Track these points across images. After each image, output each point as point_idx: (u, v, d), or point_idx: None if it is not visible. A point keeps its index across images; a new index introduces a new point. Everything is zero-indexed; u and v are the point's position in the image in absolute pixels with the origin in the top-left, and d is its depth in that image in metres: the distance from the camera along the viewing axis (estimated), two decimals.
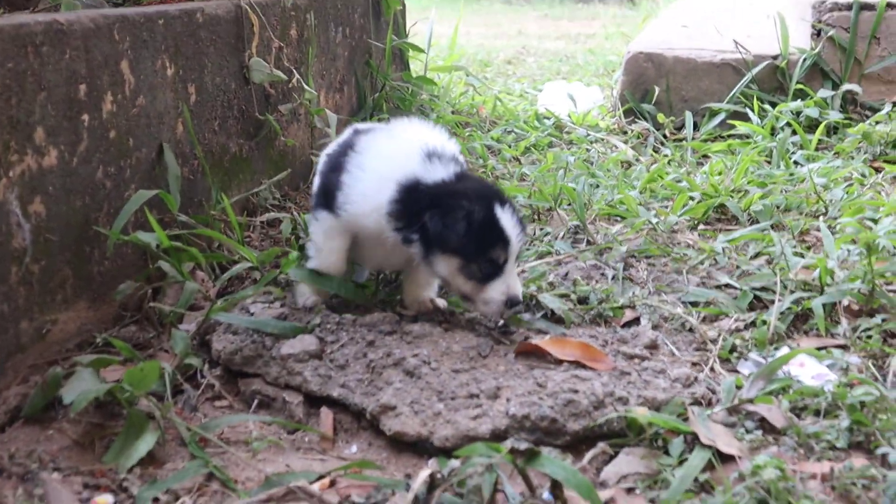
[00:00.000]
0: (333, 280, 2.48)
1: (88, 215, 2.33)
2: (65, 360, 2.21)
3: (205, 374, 2.29)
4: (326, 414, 2.15)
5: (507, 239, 2.27)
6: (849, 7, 4.62)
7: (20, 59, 2.06)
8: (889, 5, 4.58)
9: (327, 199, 2.45)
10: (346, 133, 2.67)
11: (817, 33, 4.70)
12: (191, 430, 2.01)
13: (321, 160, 2.67)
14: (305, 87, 3.40)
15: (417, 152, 2.37)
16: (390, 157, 2.40)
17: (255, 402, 2.22)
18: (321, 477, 1.90)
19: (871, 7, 4.60)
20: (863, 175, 3.75)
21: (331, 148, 2.66)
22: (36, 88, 2.11)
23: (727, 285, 2.71)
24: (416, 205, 2.29)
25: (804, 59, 4.67)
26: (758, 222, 3.25)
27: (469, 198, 2.27)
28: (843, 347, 2.34)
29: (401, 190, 2.32)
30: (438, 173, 2.34)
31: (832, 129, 4.44)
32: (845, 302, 2.47)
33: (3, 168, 2.03)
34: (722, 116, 4.68)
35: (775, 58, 4.76)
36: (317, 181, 2.61)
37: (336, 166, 2.47)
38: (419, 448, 2.02)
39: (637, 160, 4.26)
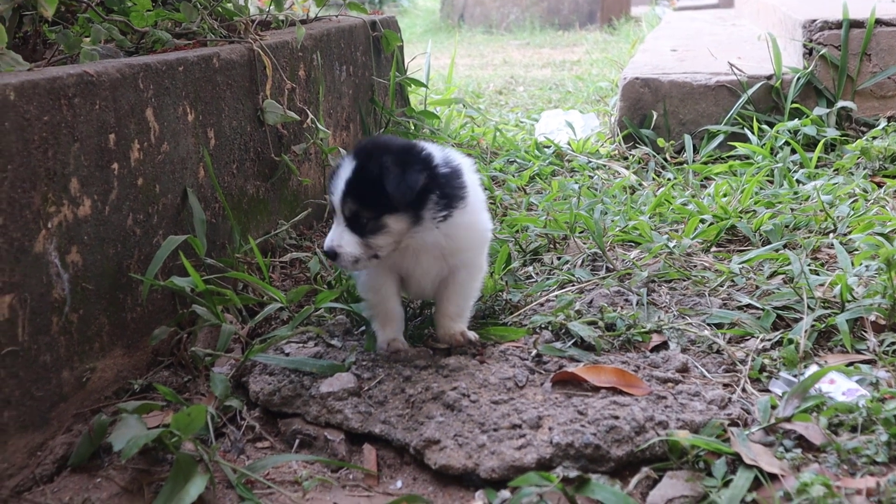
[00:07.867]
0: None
1: (121, 262, 2.35)
2: (105, 408, 2.22)
3: (244, 416, 2.30)
4: (369, 450, 2.16)
5: (331, 190, 2.34)
6: (839, 25, 4.69)
7: (55, 111, 2.09)
8: (878, 22, 4.65)
9: None
10: None
11: (809, 52, 4.77)
12: (237, 471, 2.02)
13: None
14: (318, 125, 3.43)
15: None
16: None
17: (297, 441, 2.22)
18: None
19: (860, 24, 4.67)
20: (865, 190, 3.79)
21: None
22: (70, 140, 2.14)
23: (749, 306, 2.74)
24: None
25: (798, 78, 4.73)
26: (769, 242, 3.29)
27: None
28: (870, 362, 2.37)
29: None
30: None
31: (829, 147, 4.50)
32: (872, 317, 2.50)
33: (42, 220, 2.05)
34: (720, 138, 4.72)
35: (769, 78, 4.82)
36: None
37: None
38: (464, 481, 2.03)
39: (640, 185, 4.30)
